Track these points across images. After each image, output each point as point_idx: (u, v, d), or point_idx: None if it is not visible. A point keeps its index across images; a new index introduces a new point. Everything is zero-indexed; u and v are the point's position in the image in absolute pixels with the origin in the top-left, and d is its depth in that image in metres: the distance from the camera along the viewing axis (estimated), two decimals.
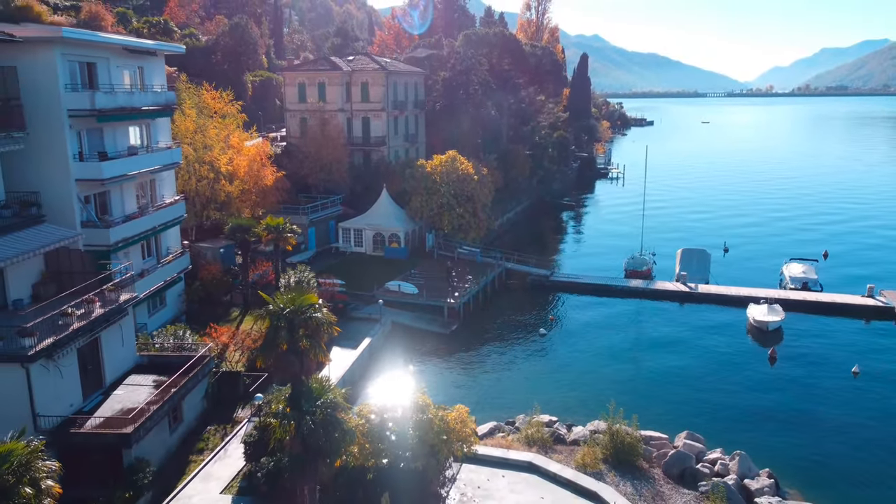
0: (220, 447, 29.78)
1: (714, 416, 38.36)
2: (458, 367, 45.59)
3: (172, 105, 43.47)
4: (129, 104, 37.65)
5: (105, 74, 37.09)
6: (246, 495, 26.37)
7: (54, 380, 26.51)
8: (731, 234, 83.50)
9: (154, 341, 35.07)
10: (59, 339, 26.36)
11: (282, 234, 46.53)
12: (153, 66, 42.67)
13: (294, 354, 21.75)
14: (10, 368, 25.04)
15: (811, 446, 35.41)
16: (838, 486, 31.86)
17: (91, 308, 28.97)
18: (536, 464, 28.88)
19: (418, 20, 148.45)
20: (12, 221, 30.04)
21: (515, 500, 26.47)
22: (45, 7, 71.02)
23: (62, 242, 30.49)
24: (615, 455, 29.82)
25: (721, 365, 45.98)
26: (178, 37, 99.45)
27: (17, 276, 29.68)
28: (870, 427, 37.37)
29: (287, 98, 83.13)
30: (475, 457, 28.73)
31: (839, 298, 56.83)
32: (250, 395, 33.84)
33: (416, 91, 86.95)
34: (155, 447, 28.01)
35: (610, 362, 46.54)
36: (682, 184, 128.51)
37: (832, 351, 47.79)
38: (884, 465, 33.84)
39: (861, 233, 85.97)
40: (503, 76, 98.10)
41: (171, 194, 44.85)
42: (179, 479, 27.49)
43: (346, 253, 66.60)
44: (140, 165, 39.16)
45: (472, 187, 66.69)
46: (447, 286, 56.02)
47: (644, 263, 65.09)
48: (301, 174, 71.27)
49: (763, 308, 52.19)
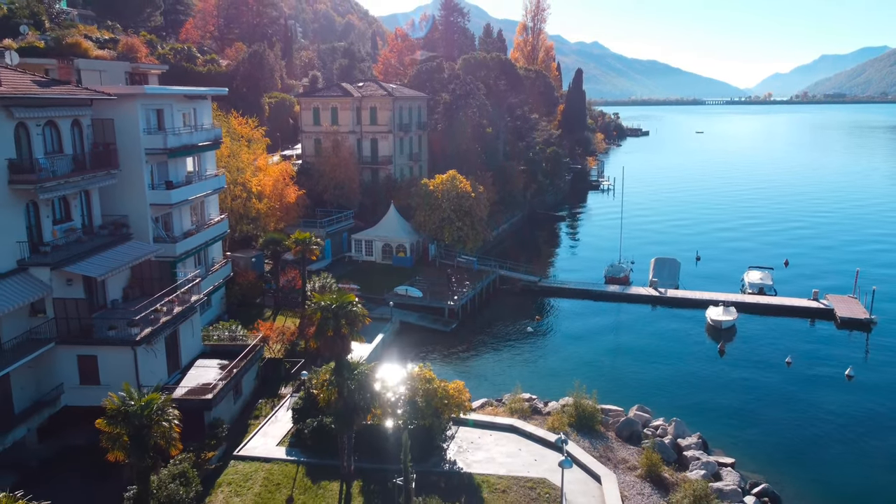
0: (271, 414, 38.33)
1: (664, 394, 46.92)
2: (457, 358, 54.16)
3: (219, 140, 52.25)
4: (189, 142, 46.39)
5: (170, 117, 45.76)
6: (295, 447, 34.84)
7: (150, 360, 35.10)
8: (706, 242, 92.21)
9: (213, 334, 43.64)
10: (154, 329, 34.99)
11: (308, 247, 55.02)
12: (203, 106, 51.42)
13: (338, 338, 30.29)
14: (123, 350, 33.63)
15: (740, 417, 43.95)
16: (757, 446, 40.31)
17: (173, 306, 37.58)
18: (516, 426, 37.38)
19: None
20: (109, 240, 38.63)
21: (499, 450, 34.95)
22: (90, 43, 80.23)
23: (147, 256, 39.13)
24: (578, 421, 38.27)
25: (678, 356, 54.57)
26: (201, 62, 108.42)
27: (114, 282, 38.32)
28: (792, 402, 45.96)
29: (303, 121, 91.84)
30: (468, 422, 37.23)
31: (788, 301, 65.44)
32: (291, 376, 42.47)
33: (420, 114, 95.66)
34: (224, 413, 36.55)
35: (585, 354, 55.17)
36: (666, 195, 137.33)
37: (774, 346, 56.28)
38: (798, 428, 42.45)
39: (823, 241, 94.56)
40: (500, 96, 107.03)
41: (216, 214, 53.51)
42: (244, 436, 36.00)
43: (359, 261, 75.15)
44: (195, 191, 47.82)
45: (470, 203, 75.23)
46: (448, 290, 64.53)
47: (622, 271, 73.63)
48: (317, 191, 79.94)
49: (719, 310, 60.72)
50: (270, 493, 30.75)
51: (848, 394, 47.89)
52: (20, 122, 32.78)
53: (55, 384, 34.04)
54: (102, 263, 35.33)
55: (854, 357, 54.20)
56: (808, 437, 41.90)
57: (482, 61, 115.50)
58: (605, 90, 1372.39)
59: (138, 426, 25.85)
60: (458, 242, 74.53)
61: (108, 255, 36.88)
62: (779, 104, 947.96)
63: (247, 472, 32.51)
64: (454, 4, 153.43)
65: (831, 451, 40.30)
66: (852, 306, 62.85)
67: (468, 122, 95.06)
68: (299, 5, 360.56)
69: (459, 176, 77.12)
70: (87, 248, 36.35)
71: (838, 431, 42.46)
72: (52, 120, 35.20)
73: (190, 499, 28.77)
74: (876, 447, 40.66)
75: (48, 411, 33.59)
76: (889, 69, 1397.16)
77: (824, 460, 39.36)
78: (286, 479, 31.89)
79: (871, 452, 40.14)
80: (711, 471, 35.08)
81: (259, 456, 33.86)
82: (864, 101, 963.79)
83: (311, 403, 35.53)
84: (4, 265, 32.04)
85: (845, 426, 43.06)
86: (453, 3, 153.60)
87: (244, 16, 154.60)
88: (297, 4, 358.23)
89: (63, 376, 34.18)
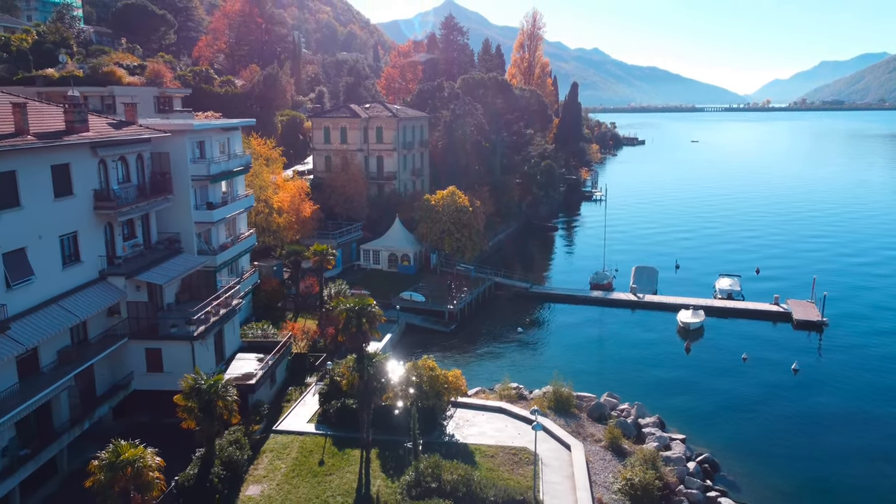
0: (300, 398, 45.99)
1: (634, 384, 54.57)
2: (455, 354, 61.79)
3: (249, 165, 60.05)
4: (226, 168, 54.17)
5: (210, 148, 53.49)
6: (322, 424, 42.43)
7: (203, 352, 42.78)
8: (687, 250, 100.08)
9: (247, 332, 51.35)
10: (206, 327, 42.70)
11: (325, 257, 62.65)
12: (235, 136, 59.23)
13: (360, 333, 38.00)
14: (183, 344, 41.32)
15: (696, 404, 51.71)
16: (708, 426, 48.01)
17: (219, 309, 45.30)
18: (504, 407, 44.99)
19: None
20: (165, 253, 46.32)
21: (489, 426, 42.52)
22: (123, 71, 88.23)
23: (197, 267, 46.89)
24: (556, 404, 45.86)
25: (650, 353, 62.34)
26: (217, 83, 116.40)
27: (169, 288, 46.00)
28: (743, 392, 53.70)
29: (314, 139, 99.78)
30: (464, 404, 44.88)
31: (752, 305, 73.20)
32: (315, 368, 50.17)
33: (422, 132, 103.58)
34: (263, 396, 44.23)
35: (568, 351, 62.99)
36: (654, 206, 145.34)
37: (734, 345, 63.93)
38: (746, 412, 50.23)
39: (793, 250, 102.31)
40: (497, 113, 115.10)
41: (245, 228, 61.25)
42: (279, 415, 43.64)
43: (367, 269, 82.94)
44: (231, 210, 55.56)
45: (468, 217, 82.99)
46: (448, 295, 72.21)
47: (605, 278, 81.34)
48: (329, 204, 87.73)
49: (689, 313, 68.44)
50: (305, 457, 38.37)
51: (792, 385, 55.67)
52: (101, 160, 40.54)
53: (127, 372, 41.67)
54: (164, 273, 43.06)
55: (805, 354, 61.96)
56: (753, 419, 49.61)
57: (480, 81, 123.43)
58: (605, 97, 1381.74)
59: (207, 400, 33.53)
60: (458, 252, 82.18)
61: (167, 265, 44.59)
62: (777, 111, 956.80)
63: (285, 442, 40.17)
64: (454, 24, 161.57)
65: (772, 429, 47.99)
66: (808, 310, 70.52)
67: (467, 138, 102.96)
68: (302, 15, 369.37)
69: (458, 192, 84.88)
70: (148, 260, 44.05)
71: (781, 415, 50.20)
72: (123, 155, 42.98)
73: (244, 460, 36.41)
74: (810, 426, 48.42)
75: (122, 394, 41.21)
76: (888, 76, 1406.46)
77: (764, 437, 47.03)
78: (317, 447, 39.53)
79: (805, 430, 47.91)
80: (663, 443, 42.80)
81: (294, 430, 41.55)
82: (862, 108, 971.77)
83: (334, 388, 43.13)
84: (90, 275, 39.70)
85: (787, 411, 50.82)
86: (454, 23, 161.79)
87: (253, 33, 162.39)
88: (300, 15, 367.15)
89: (133, 365, 41.82)
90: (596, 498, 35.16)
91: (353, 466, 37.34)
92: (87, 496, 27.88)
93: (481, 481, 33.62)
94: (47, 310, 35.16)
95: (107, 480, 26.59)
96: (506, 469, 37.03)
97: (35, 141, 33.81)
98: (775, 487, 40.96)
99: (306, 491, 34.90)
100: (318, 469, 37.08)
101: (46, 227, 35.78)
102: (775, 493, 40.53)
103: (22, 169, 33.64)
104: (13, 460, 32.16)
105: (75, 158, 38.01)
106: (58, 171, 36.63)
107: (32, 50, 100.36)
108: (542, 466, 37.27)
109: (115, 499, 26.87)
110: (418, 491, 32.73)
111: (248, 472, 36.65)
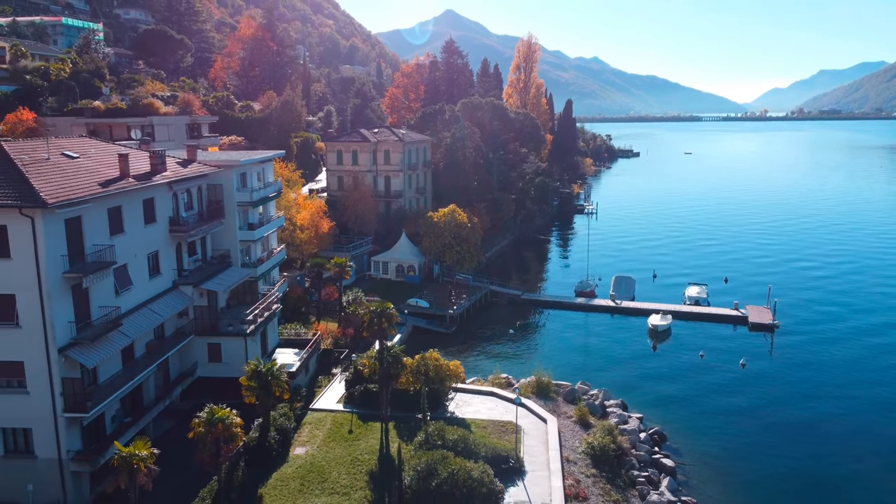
0: (329, 385, 56.45)
1: (605, 375, 65.12)
2: (455, 352, 72.11)
3: (280, 191, 70.67)
4: (264, 195, 64.77)
5: (250, 178, 64.05)
6: (349, 404, 52.83)
7: (253, 346, 53.24)
8: (664, 261, 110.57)
9: (283, 332, 61.84)
10: (256, 326, 53.20)
11: (344, 268, 73.20)
12: (269, 166, 69.87)
13: (381, 329, 48.47)
14: (237, 340, 51.81)
15: (656, 391, 62.17)
16: (663, 408, 58.44)
17: (263, 312, 55.81)
18: (495, 392, 55.39)
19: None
20: (219, 267, 56.84)
21: (483, 406, 52.86)
22: (160, 102, 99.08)
23: (245, 277, 57.45)
24: (538, 390, 56.28)
25: (622, 351, 72.91)
26: (238, 108, 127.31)
27: (223, 295, 56.53)
28: (696, 382, 64.15)
29: (328, 161, 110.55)
30: (462, 389, 55.33)
31: (714, 311, 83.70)
32: (339, 361, 60.63)
33: (425, 153, 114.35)
34: (300, 382, 54.69)
35: (553, 349, 73.43)
36: (640, 218, 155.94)
37: (695, 344, 74.32)
38: (697, 398, 60.61)
39: (760, 260, 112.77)
40: (493, 134, 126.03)
41: (276, 245, 71.80)
42: (313, 398, 54.11)
43: (377, 278, 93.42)
44: (267, 230, 66.10)
45: (467, 232, 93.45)
46: (449, 301, 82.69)
47: (589, 286, 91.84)
48: (342, 220, 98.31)
49: (658, 317, 78.92)
50: (337, 428, 48.77)
51: (739, 377, 66.05)
52: (174, 193, 51.13)
53: (192, 362, 52.12)
54: (221, 282, 53.62)
55: (756, 352, 72.39)
56: (701, 403, 60.09)
57: (478, 105, 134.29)
58: (604, 106, 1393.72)
59: (266, 381, 43.96)
60: (457, 263, 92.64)
61: (222, 276, 55.13)
62: (774, 121, 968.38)
63: (320, 417, 50.61)
64: (454, 48, 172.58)
65: (716, 412, 58.37)
66: (763, 314, 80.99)
67: (466, 159, 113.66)
68: (305, 29, 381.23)
69: (458, 209, 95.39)
70: (207, 272, 54.57)
71: (725, 401, 60.60)
72: (189, 189, 53.59)
73: (291, 428, 46.87)
74: (750, 410, 58.77)
75: (189, 380, 51.64)
76: (885, 85, 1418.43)
77: (708, 417, 57.45)
78: (346, 421, 49.92)
79: (746, 412, 58.25)
80: (622, 419, 53.30)
81: (326, 408, 52.04)
82: (859, 117, 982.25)
83: (358, 376, 53.56)
84: (166, 285, 50.21)
85: (731, 398, 61.20)
86: (454, 47, 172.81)
87: (265, 56, 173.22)
88: (304, 28, 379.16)
89: (197, 357, 52.27)
90: (564, 457, 45.59)
91: (375, 434, 47.78)
92: (171, 457, 38.23)
93: (476, 441, 44.05)
94: (141, 312, 45.68)
95: (205, 433, 37.03)
96: (495, 436, 47.44)
97: (136, 183, 44.42)
98: (711, 454, 51.43)
99: (341, 451, 45.34)
100: (348, 436, 47.54)
101: (139, 248, 46.33)
102: (710, 457, 50.97)
103: (125, 204, 44.23)
104: (120, 425, 42.64)
105: (158, 193, 48.64)
106: (147, 204, 47.25)
107: (71, 79, 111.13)
108: (523, 434, 47.74)
109: (210, 445, 37.31)
110: (427, 447, 43.10)
111: (294, 438, 47.14)
